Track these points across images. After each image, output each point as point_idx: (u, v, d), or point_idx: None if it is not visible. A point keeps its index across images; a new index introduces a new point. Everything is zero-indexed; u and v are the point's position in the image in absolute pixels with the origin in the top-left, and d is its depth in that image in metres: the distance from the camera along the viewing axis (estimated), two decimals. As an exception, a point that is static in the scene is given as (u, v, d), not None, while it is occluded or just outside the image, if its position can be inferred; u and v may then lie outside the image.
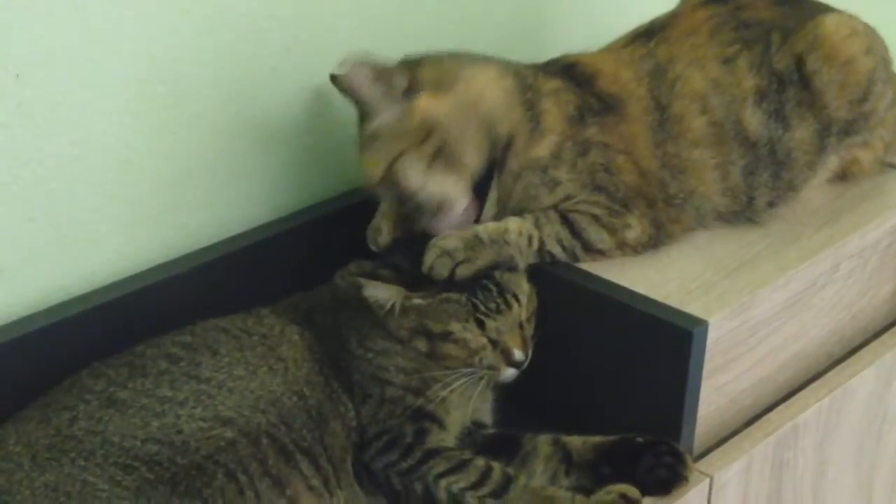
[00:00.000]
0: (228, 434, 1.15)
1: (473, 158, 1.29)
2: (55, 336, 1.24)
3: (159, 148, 1.34)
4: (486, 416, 1.33)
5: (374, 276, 1.26)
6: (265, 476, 1.14)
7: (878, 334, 1.54)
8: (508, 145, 1.31)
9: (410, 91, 1.28)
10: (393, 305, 1.25)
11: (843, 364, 1.46)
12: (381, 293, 1.24)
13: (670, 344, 1.23)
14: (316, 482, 1.18)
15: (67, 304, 1.27)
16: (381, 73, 1.27)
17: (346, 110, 1.35)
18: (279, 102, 1.43)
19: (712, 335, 1.24)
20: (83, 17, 1.23)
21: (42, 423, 1.13)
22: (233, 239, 1.41)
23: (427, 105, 1.29)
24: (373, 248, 1.34)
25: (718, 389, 1.32)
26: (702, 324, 1.23)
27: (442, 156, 1.28)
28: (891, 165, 1.53)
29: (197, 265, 1.35)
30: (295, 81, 1.44)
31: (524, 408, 1.33)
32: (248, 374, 1.20)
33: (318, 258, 1.38)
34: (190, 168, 1.37)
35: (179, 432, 1.13)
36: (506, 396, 1.33)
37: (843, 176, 1.49)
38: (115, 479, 1.09)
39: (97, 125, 1.27)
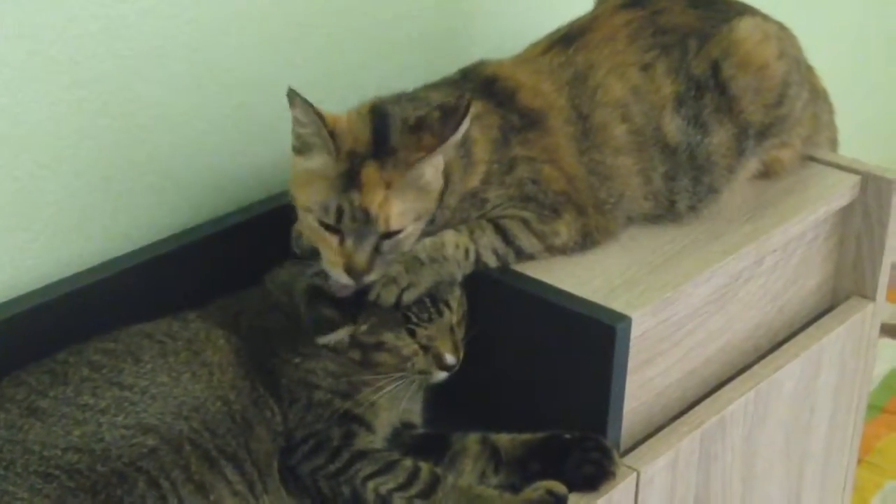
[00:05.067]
0: (150, 441, 1.14)
1: None
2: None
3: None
4: (416, 417, 1.33)
5: (322, 321, 1.24)
6: (188, 482, 1.14)
7: (804, 327, 1.55)
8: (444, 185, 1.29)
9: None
10: (344, 343, 1.25)
11: (769, 357, 1.48)
12: (338, 337, 1.24)
13: (595, 340, 1.24)
14: (241, 487, 1.18)
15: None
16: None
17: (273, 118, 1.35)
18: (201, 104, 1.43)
19: (636, 330, 1.25)
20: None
21: (-37, 431, 1.13)
22: (160, 242, 1.40)
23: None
24: (296, 251, 1.33)
25: (644, 384, 1.33)
26: (625, 319, 1.23)
27: None
28: (811, 158, 1.55)
29: (122, 269, 1.34)
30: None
31: (454, 407, 1.33)
32: (172, 381, 1.20)
33: (245, 261, 1.38)
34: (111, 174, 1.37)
35: (101, 440, 1.13)
36: (436, 396, 1.34)
37: (766, 174, 1.51)
38: (35, 489, 1.08)
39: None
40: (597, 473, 1.24)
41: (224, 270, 1.38)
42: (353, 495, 1.21)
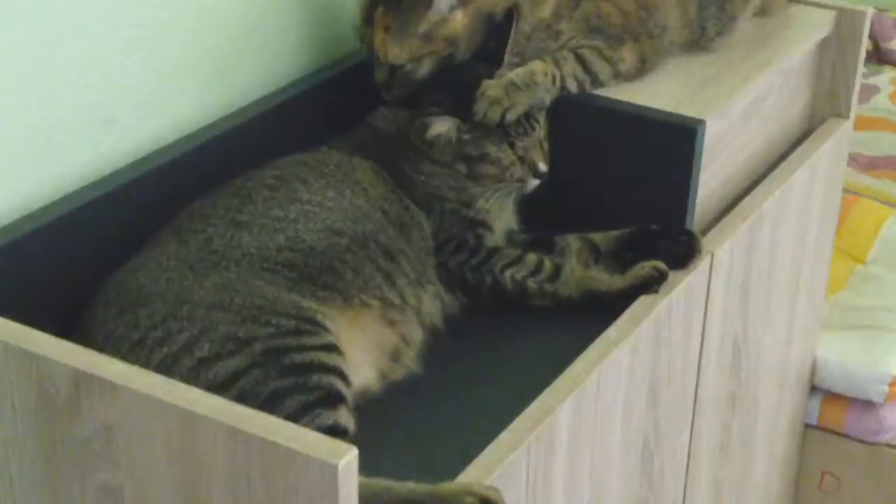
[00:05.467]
0: (343, 241, 1.34)
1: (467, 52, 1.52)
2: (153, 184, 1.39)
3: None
4: (518, 225, 1.55)
5: (428, 114, 1.45)
6: (377, 272, 1.34)
7: (795, 144, 1.83)
8: (513, 14, 1.51)
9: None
10: (449, 135, 1.45)
11: (782, 165, 1.74)
12: (445, 126, 1.44)
13: (676, 143, 1.48)
14: (413, 277, 1.39)
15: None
16: None
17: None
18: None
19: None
20: None
21: (181, 244, 1.30)
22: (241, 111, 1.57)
23: (458, 20, 1.50)
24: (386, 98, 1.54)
25: (700, 186, 1.58)
26: (702, 122, 1.48)
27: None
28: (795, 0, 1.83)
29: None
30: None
31: (548, 218, 1.55)
32: (338, 195, 1.39)
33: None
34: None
35: (303, 241, 1.32)
36: (532, 209, 1.56)
37: (763, 10, 1.77)
38: (266, 279, 1.26)
39: None
40: (686, 252, 1.49)
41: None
42: (494, 283, 1.43)
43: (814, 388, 2.10)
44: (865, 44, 1.86)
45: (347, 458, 0.93)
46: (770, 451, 1.98)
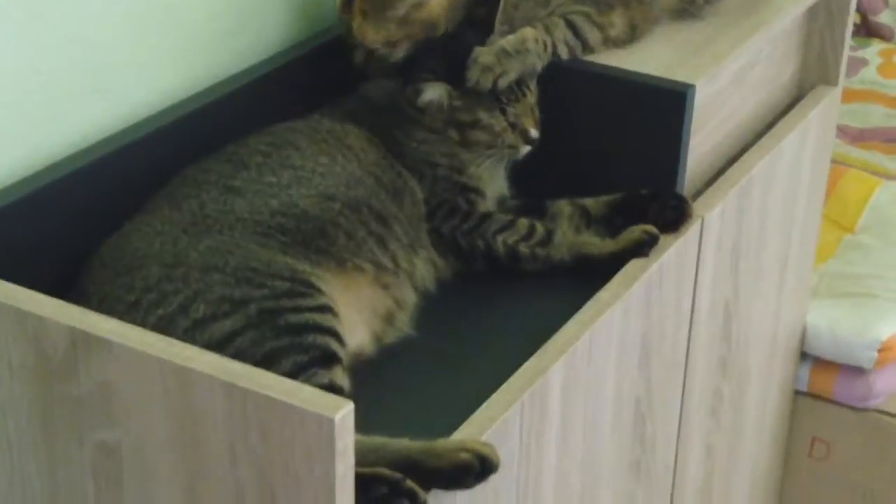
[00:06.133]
0: (336, 206, 1.35)
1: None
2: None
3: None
4: (508, 191, 1.56)
5: (420, 81, 1.45)
6: (370, 236, 1.35)
7: (783, 111, 1.84)
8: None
9: None
10: (441, 101, 1.45)
11: (771, 132, 1.75)
12: (437, 91, 1.44)
13: (665, 107, 1.49)
14: (406, 241, 1.39)
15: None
16: None
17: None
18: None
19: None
20: None
21: (174, 209, 1.31)
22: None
23: (435, 4, 1.52)
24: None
25: (690, 150, 1.59)
26: (691, 87, 1.49)
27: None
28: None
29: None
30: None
31: (538, 185, 1.56)
32: (330, 161, 1.40)
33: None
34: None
35: (296, 206, 1.32)
36: (521, 176, 1.56)
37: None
38: (260, 243, 1.27)
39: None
40: (677, 216, 1.49)
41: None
42: (486, 248, 1.44)
43: (803, 356, 2.12)
44: (854, 10, 1.87)
45: (344, 411, 0.94)
46: (760, 418, 2.00)
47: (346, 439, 0.94)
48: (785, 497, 2.21)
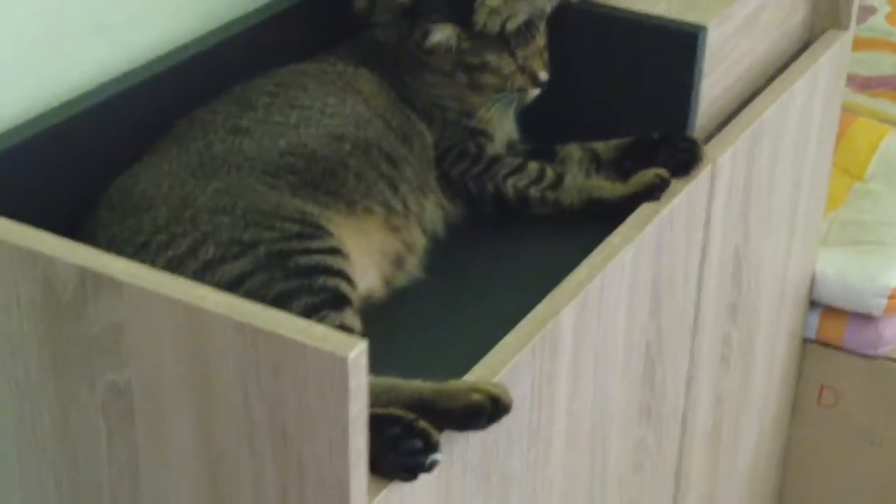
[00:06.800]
0: (346, 146, 1.33)
1: None
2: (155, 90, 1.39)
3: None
4: (518, 136, 1.54)
5: (428, 22, 1.44)
6: (380, 178, 1.34)
7: (794, 56, 1.82)
8: None
9: None
10: (449, 43, 1.44)
11: (782, 75, 1.74)
12: (445, 33, 1.43)
13: (678, 48, 1.48)
14: (416, 184, 1.38)
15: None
16: None
17: None
18: None
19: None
20: None
21: (182, 151, 1.30)
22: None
23: None
24: None
25: (701, 93, 1.57)
26: (703, 28, 1.47)
27: None
28: None
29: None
30: None
31: (548, 129, 1.55)
32: (339, 102, 1.38)
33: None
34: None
35: (306, 146, 1.31)
36: (531, 121, 1.55)
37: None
38: (269, 184, 1.26)
39: None
40: (688, 160, 1.48)
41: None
42: (496, 191, 1.43)
43: (812, 303, 2.11)
44: (865, -47, 1.85)
45: (357, 350, 0.93)
46: (769, 365, 1.99)
47: (359, 378, 0.94)
48: (793, 444, 2.21)
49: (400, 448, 1.02)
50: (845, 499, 2.22)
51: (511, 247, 1.42)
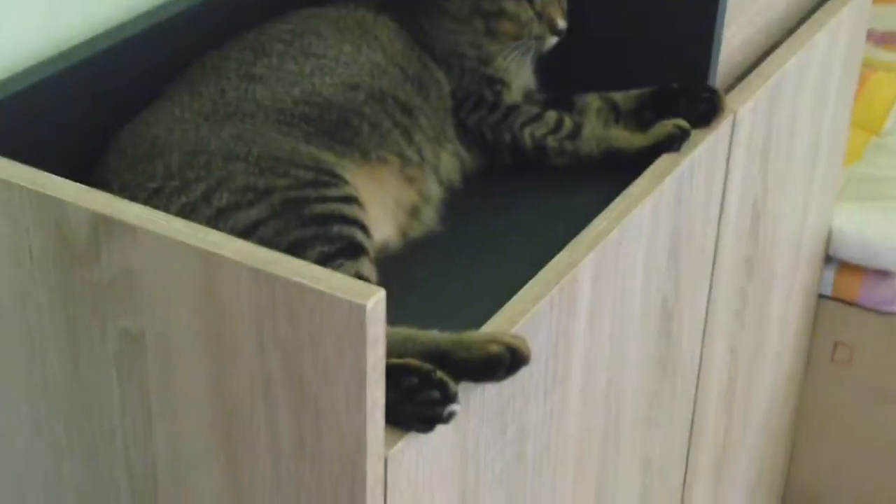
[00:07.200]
0: (360, 96, 1.31)
1: None
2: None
3: None
4: (535, 85, 1.52)
5: None
6: (395, 127, 1.32)
7: (815, 7, 1.79)
8: None
9: None
10: None
11: (804, 26, 1.71)
12: None
13: (698, -5, 1.45)
14: (431, 134, 1.36)
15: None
16: None
17: None
18: None
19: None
20: None
21: (194, 96, 1.27)
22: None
23: None
24: None
25: (723, 43, 1.54)
26: (728, -27, 1.45)
27: None
28: None
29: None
30: None
31: (565, 82, 1.52)
32: (355, 50, 1.36)
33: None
34: None
35: (320, 95, 1.29)
36: (548, 71, 1.53)
37: None
38: (282, 132, 1.24)
39: None
40: (709, 110, 1.45)
41: None
42: (513, 140, 1.41)
43: (828, 259, 2.09)
44: None
45: (375, 299, 0.91)
46: (784, 321, 1.97)
47: (377, 328, 0.92)
48: (806, 401, 2.20)
49: (417, 399, 1.01)
50: (858, 455, 2.21)
51: (527, 198, 1.39)
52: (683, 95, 1.46)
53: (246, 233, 1.14)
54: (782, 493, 2.29)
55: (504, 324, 1.13)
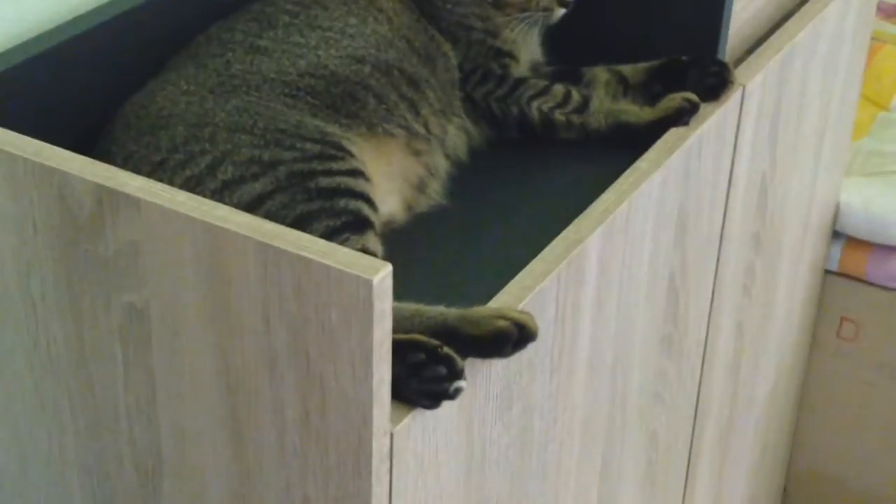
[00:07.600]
0: (366, 69, 1.30)
1: None
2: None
3: None
4: (542, 58, 1.51)
5: None
6: (401, 101, 1.30)
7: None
8: None
9: None
10: None
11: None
12: None
13: (710, -32, 1.43)
14: (438, 107, 1.35)
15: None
16: None
17: None
18: None
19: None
20: None
21: (200, 68, 1.26)
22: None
23: None
24: None
25: (732, 16, 1.53)
26: (737, -53, 1.43)
27: None
28: None
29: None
30: None
31: (573, 55, 1.51)
32: (360, 23, 1.34)
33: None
34: None
35: (325, 67, 1.27)
36: (555, 44, 1.51)
37: None
38: (288, 105, 1.23)
39: None
40: (718, 83, 1.44)
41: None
42: (521, 114, 1.40)
43: (835, 234, 2.08)
44: None
45: (382, 273, 0.90)
46: (790, 296, 1.97)
47: (384, 302, 0.91)
48: (811, 376, 2.19)
49: (424, 374, 1.00)
50: (862, 431, 2.21)
51: (535, 172, 1.38)
52: (692, 68, 1.45)
53: (251, 206, 1.13)
54: (786, 468, 2.28)
55: (511, 299, 1.12)
